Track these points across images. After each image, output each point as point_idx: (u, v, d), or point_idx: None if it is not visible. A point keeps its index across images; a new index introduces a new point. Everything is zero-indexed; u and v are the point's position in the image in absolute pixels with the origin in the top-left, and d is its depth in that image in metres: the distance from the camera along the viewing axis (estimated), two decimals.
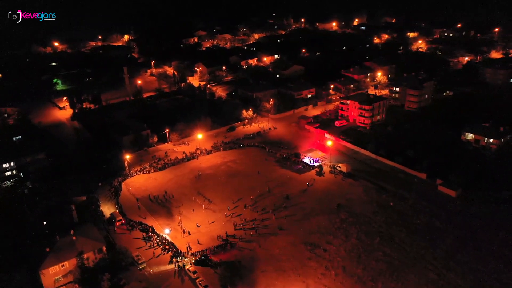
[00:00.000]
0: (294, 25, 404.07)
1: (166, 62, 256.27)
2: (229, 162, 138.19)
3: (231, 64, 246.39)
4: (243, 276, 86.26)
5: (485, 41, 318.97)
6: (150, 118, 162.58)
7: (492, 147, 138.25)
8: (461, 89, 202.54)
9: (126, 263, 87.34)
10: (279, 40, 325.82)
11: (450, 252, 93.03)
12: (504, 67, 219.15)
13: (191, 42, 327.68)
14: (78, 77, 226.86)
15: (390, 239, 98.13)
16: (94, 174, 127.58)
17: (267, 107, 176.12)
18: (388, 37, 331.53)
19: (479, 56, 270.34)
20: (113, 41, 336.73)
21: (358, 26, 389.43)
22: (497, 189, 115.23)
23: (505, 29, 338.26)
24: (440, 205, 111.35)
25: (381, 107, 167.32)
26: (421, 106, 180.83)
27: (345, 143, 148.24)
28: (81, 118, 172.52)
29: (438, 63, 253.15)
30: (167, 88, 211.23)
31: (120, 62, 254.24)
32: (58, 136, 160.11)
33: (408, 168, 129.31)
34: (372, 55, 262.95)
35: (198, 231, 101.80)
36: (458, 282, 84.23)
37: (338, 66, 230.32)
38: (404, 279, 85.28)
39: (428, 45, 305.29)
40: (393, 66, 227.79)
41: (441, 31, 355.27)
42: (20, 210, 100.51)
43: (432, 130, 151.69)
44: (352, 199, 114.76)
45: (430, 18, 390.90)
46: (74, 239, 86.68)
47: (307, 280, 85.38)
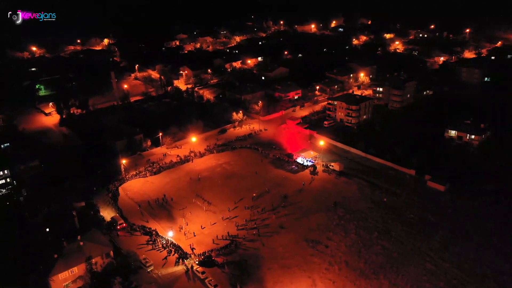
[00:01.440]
0: (273, 27, 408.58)
1: (149, 66, 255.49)
2: (224, 164, 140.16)
3: (216, 67, 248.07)
4: (250, 274, 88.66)
5: (457, 41, 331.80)
6: (140, 122, 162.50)
7: (474, 143, 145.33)
8: (440, 88, 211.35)
9: (135, 266, 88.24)
10: (260, 43, 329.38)
11: (444, 243, 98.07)
12: (479, 66, 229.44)
13: (173, 45, 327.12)
14: (61, 82, 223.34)
15: (387, 233, 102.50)
16: (90, 179, 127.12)
17: (256, 109, 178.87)
18: (366, 39, 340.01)
19: (454, 56, 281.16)
20: (92, 45, 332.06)
21: (336, 28, 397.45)
22: (481, 183, 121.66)
23: (475, 30, 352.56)
24: (430, 199, 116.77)
25: (367, 107, 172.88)
26: (404, 105, 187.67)
27: (336, 142, 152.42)
28: (70, 123, 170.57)
29: (416, 64, 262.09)
30: (154, 92, 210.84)
31: (103, 66, 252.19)
32: (47, 142, 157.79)
33: (398, 165, 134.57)
34: (352, 56, 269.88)
35: (202, 232, 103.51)
36: (454, 271, 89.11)
37: (321, 68, 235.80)
38: (404, 271, 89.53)
39: (404, 46, 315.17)
40: (374, 67, 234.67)
41: (415, 32, 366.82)
42: (21, 218, 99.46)
43: (417, 128, 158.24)
44: (348, 197, 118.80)
45: (405, 19, 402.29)
46: (81, 244, 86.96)
47: (312, 275, 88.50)
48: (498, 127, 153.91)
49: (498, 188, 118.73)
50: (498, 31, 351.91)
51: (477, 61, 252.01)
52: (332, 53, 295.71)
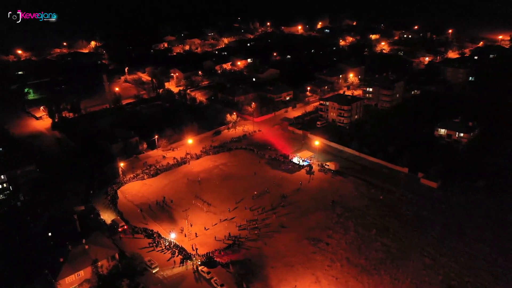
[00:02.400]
0: (260, 28, 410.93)
1: (139, 68, 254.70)
2: (220, 166, 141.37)
3: (206, 69, 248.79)
4: (255, 273, 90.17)
5: (441, 41, 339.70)
6: (134, 125, 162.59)
7: (463, 140, 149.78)
8: (427, 87, 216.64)
9: (141, 268, 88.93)
10: (249, 44, 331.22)
11: (440, 239, 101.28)
12: (464, 66, 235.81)
13: (161, 47, 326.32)
14: (50, 85, 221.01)
15: (385, 230, 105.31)
16: (86, 183, 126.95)
17: (249, 111, 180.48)
18: (352, 40, 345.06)
19: (439, 56, 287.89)
20: (79, 48, 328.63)
21: (322, 29, 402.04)
22: (472, 179, 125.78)
23: (458, 30, 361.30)
24: (424, 196, 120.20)
25: (358, 107, 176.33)
26: (393, 104, 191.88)
27: (330, 142, 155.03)
28: (62, 127, 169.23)
29: (402, 64, 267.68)
30: (145, 94, 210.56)
31: (92, 69, 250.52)
32: (40, 147, 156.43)
33: (391, 163, 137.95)
34: (340, 57, 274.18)
35: (204, 233, 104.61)
36: (452, 265, 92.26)
37: (311, 69, 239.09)
38: (404, 266, 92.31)
39: (390, 47, 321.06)
40: (362, 67, 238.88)
41: (400, 32, 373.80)
42: (22, 223, 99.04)
43: (407, 127, 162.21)
44: (345, 195, 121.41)
45: (389, 20, 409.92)
46: (86, 248, 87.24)
47: (315, 272, 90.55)
48: (485, 125, 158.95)
49: (488, 184, 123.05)
50: (479, 31, 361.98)
51: (461, 61, 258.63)
52: (320, 54, 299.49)
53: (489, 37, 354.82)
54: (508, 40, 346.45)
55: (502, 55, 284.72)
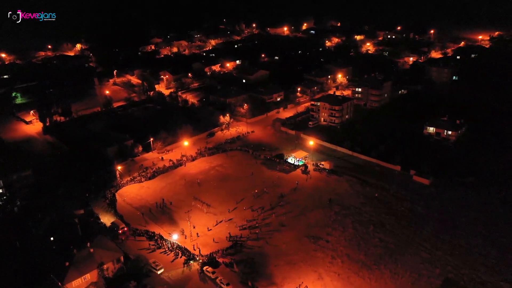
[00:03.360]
0: (246, 30, 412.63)
1: (127, 71, 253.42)
2: (217, 167, 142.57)
3: (195, 71, 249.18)
4: (259, 272, 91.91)
5: (423, 42, 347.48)
6: (127, 128, 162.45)
7: (451, 138, 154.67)
8: (412, 87, 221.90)
9: (146, 270, 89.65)
10: (236, 46, 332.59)
11: (435, 233, 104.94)
12: (447, 66, 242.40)
13: (148, 49, 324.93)
14: (38, 89, 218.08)
15: (382, 226, 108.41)
16: (83, 187, 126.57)
17: (242, 112, 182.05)
18: (338, 41, 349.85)
19: (423, 56, 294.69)
20: (64, 51, 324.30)
21: (308, 30, 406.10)
22: (461, 175, 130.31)
23: (439, 31, 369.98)
24: (417, 192, 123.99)
25: (349, 107, 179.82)
26: (382, 104, 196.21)
27: (323, 142, 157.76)
28: (54, 131, 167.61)
29: (388, 64, 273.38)
30: (136, 97, 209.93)
31: (80, 72, 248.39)
32: (32, 151, 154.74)
33: (383, 161, 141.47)
34: (327, 58, 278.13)
35: (205, 234, 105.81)
36: (448, 258, 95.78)
37: (299, 70, 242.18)
38: (402, 260, 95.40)
39: (375, 47, 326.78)
40: (350, 68, 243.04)
41: (384, 33, 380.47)
42: (24, 228, 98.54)
43: (396, 126, 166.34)
44: (341, 193, 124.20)
45: (372, 21, 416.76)
46: (91, 251, 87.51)
47: (318, 269, 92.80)
48: (471, 123, 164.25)
49: (477, 179, 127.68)
50: (459, 31, 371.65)
51: (445, 60, 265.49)
52: (307, 55, 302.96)
53: (469, 37, 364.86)
54: (488, 40, 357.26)
55: (483, 55, 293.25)
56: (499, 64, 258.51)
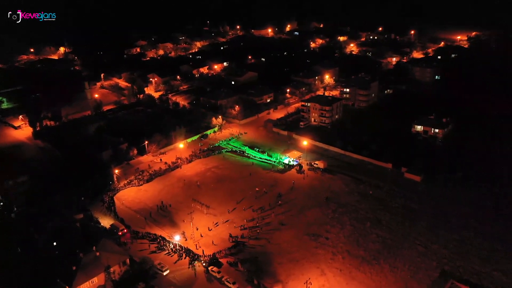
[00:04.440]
0: (230, 32, 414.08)
1: (114, 74, 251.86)
2: (212, 168, 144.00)
3: (183, 73, 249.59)
4: (264, 270, 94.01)
5: (404, 42, 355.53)
6: (119, 132, 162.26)
7: (439, 136, 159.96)
8: (397, 87, 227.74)
9: (152, 272, 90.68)
10: (222, 48, 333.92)
11: (429, 228, 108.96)
12: (430, 65, 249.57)
13: (134, 52, 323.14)
14: (24, 94, 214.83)
15: (378, 222, 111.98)
16: (79, 191, 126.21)
17: (233, 114, 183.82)
18: (322, 42, 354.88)
19: (405, 56, 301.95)
20: (47, 54, 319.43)
21: (291, 32, 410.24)
22: (450, 171, 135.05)
23: (419, 31, 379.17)
24: (410, 189, 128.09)
25: (338, 107, 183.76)
26: (370, 104, 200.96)
27: (315, 142, 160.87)
28: (45, 136, 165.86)
29: (372, 64, 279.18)
30: (125, 100, 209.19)
31: (66, 76, 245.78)
32: (23, 157, 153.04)
33: (375, 160, 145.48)
34: (312, 59, 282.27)
35: (207, 234, 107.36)
36: (443, 251, 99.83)
37: (286, 71, 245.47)
38: (400, 255, 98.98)
39: (359, 48, 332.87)
40: (336, 69, 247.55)
41: (366, 34, 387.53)
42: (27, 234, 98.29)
43: (384, 125, 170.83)
44: (336, 192, 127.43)
45: (354, 22, 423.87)
46: (97, 255, 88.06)
47: (320, 265, 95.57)
48: (456, 121, 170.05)
49: (465, 175, 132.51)
50: (438, 32, 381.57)
51: (427, 60, 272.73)
52: (292, 56, 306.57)
53: (448, 37, 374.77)
54: (466, 40, 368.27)
55: (462, 55, 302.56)
56: (478, 63, 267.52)
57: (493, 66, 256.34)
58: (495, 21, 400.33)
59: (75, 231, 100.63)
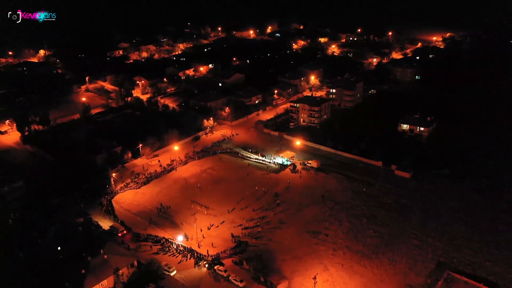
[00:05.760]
0: (212, 33, 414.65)
1: (99, 77, 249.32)
2: (208, 170, 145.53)
3: (169, 76, 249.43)
4: (269, 267, 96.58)
5: (383, 43, 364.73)
6: (110, 135, 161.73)
7: (424, 134, 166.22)
8: (380, 87, 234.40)
9: (160, 273, 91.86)
10: (206, 50, 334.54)
11: (422, 222, 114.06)
12: (411, 66, 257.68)
13: (116, 54, 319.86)
14: (7, 98, 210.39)
15: (374, 218, 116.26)
16: (77, 195, 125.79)
17: (224, 115, 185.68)
18: (304, 43, 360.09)
19: (385, 57, 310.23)
20: (26, 57, 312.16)
21: (273, 33, 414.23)
22: (437, 168, 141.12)
23: (396, 33, 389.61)
24: (400, 185, 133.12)
25: (326, 108, 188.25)
26: (355, 104, 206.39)
27: (306, 141, 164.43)
28: (34, 141, 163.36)
29: (354, 65, 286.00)
30: (113, 103, 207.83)
31: (49, 79, 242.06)
32: (14, 162, 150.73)
33: (365, 158, 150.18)
34: (296, 60, 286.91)
35: (209, 234, 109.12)
36: (437, 244, 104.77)
37: (271, 72, 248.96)
38: (397, 248, 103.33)
39: (340, 49, 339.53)
40: (321, 70, 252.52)
41: (346, 35, 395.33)
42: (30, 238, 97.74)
43: (371, 124, 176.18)
44: (331, 190, 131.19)
45: (334, 23, 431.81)
46: (105, 257, 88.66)
47: (322, 261, 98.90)
48: (439, 119, 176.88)
49: (451, 171, 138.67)
50: (414, 32, 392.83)
51: (407, 61, 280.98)
52: (276, 57, 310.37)
53: (424, 38, 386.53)
54: (441, 41, 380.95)
55: (439, 55, 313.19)
56: (455, 63, 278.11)
57: (468, 66, 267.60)
58: (469, 22, 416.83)
59: (78, 235, 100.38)
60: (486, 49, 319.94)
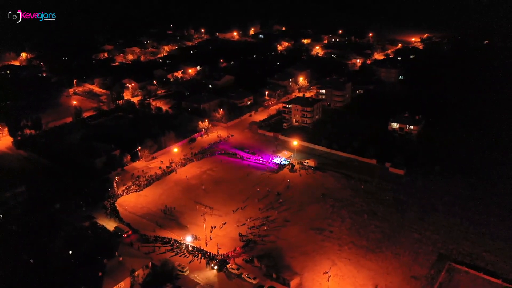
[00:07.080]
0: (195, 35, 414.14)
1: (86, 80, 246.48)
2: (208, 171, 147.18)
3: (158, 78, 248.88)
4: (279, 264, 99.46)
5: (364, 44, 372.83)
6: (105, 138, 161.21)
7: (413, 132, 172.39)
8: (366, 87, 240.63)
9: (175, 273, 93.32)
10: (192, 52, 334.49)
11: (419, 216, 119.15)
12: (395, 66, 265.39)
13: (101, 57, 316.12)
14: None
15: (374, 214, 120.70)
16: (79, 199, 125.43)
17: (217, 117, 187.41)
18: (288, 45, 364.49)
19: (368, 58, 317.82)
20: (7, 60, 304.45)
21: (256, 35, 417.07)
22: (429, 164, 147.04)
23: (377, 34, 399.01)
24: (396, 182, 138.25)
25: (318, 108, 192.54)
26: (345, 104, 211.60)
27: (301, 141, 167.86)
28: (28, 145, 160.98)
29: (339, 66, 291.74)
30: (104, 106, 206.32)
31: (35, 83, 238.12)
32: (8, 167, 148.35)
33: (360, 156, 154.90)
34: (281, 62, 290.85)
35: (216, 234, 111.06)
36: (435, 237, 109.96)
37: (259, 74, 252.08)
38: (399, 242, 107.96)
39: (324, 50, 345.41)
40: (308, 71, 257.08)
41: (328, 37, 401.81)
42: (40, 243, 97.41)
43: (362, 123, 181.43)
44: (330, 188, 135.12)
45: (315, 25, 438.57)
46: (121, 260, 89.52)
47: (330, 257, 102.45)
48: (427, 118, 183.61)
49: (442, 168, 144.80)
50: (394, 33, 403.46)
51: (390, 62, 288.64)
52: (261, 59, 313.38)
53: (403, 39, 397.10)
54: (419, 42, 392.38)
55: (419, 56, 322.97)
56: (434, 63, 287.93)
57: (448, 66, 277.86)
58: (443, 24, 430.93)
59: (88, 238, 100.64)
60: (464, 50, 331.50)
